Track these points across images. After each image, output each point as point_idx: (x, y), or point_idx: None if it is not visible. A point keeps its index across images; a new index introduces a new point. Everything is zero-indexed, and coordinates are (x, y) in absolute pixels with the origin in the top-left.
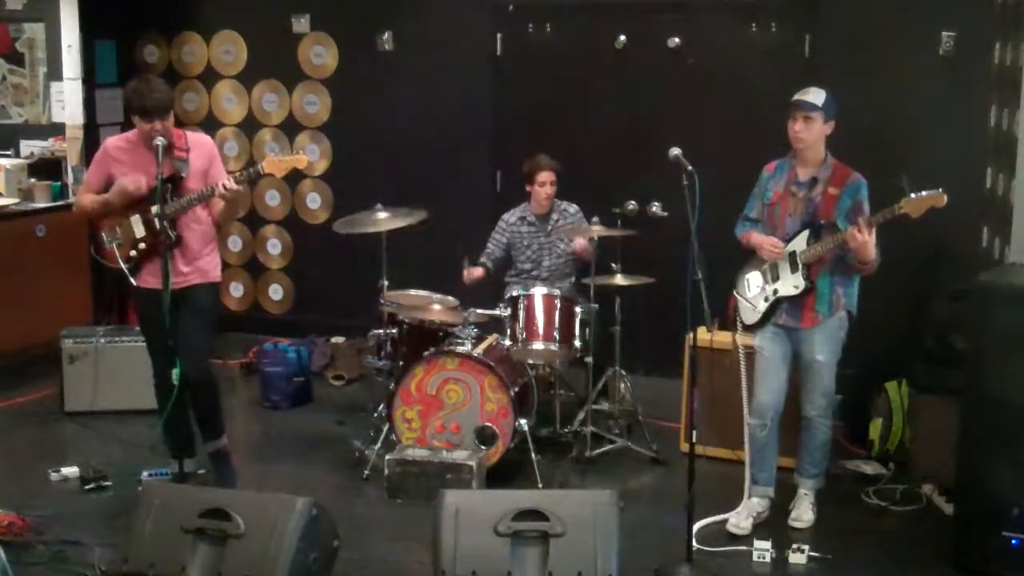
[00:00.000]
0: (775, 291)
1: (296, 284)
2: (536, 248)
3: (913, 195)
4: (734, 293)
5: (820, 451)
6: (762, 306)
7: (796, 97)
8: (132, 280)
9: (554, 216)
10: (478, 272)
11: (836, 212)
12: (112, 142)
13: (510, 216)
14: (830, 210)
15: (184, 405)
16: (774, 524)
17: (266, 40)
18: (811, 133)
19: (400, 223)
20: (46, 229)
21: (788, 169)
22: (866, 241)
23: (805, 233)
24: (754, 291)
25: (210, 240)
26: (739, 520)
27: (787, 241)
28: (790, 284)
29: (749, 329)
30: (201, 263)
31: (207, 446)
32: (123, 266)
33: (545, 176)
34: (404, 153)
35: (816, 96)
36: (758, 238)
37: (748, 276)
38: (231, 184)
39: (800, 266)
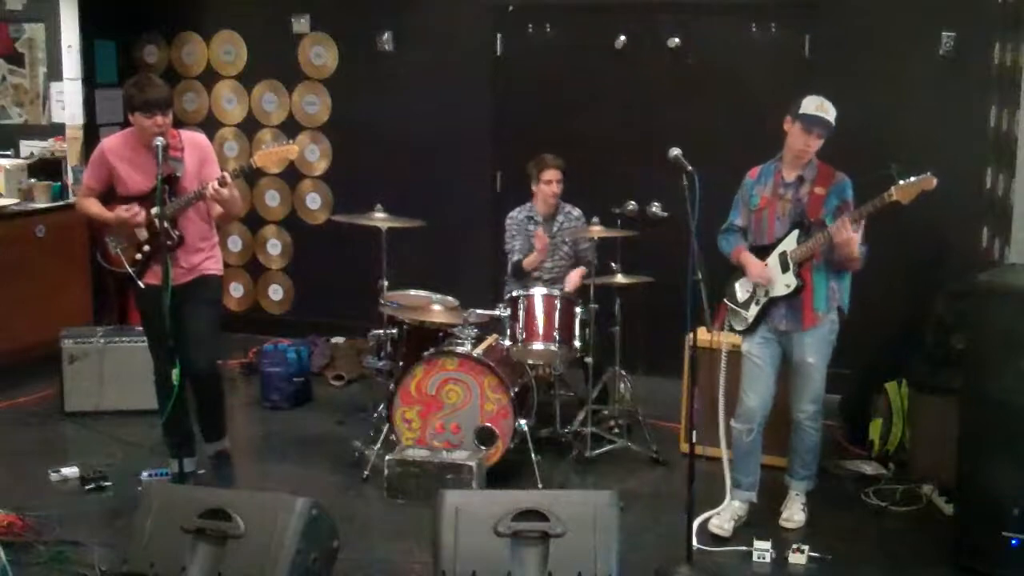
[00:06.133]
0: (766, 293)
1: (296, 284)
2: None
3: (902, 181)
4: (724, 301)
5: (810, 454)
6: (753, 310)
7: (819, 114)
8: (139, 283)
9: (559, 219)
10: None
11: (823, 212)
12: (109, 144)
13: (517, 214)
14: (817, 210)
15: (184, 404)
16: (774, 524)
17: (266, 40)
18: (817, 147)
19: (398, 223)
20: (46, 229)
21: (774, 173)
22: (850, 237)
23: (795, 232)
24: (744, 296)
25: (210, 234)
26: (722, 522)
27: (776, 243)
28: (781, 284)
29: (740, 335)
30: (203, 256)
31: (209, 447)
32: (130, 270)
33: (551, 174)
34: (404, 153)
35: (832, 114)
36: (748, 259)
37: (736, 284)
38: (218, 187)
39: (791, 265)
